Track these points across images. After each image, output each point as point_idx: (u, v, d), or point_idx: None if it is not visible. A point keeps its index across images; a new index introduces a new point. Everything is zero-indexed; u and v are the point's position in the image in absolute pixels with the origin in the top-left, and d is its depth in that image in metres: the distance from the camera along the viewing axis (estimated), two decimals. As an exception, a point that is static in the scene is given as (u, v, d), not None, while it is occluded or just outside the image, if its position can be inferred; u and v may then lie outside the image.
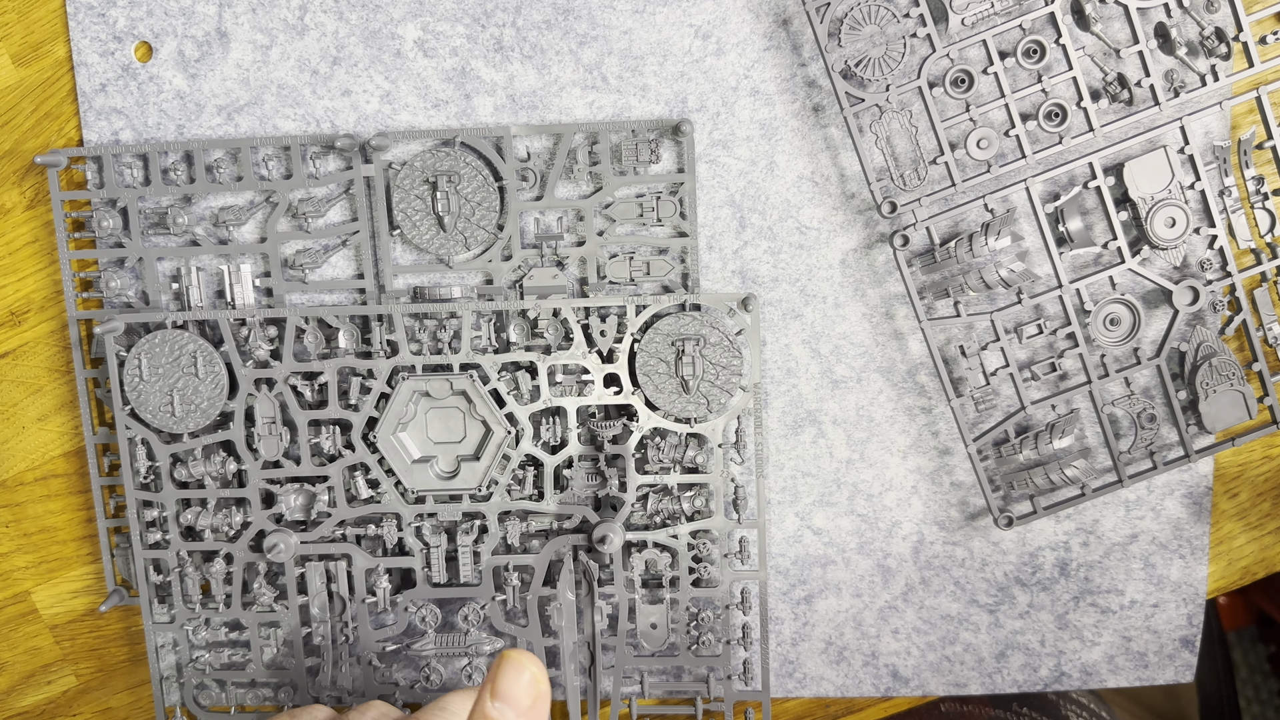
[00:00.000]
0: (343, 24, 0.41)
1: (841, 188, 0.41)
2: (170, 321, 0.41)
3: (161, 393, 0.41)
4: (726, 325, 0.40)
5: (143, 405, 0.42)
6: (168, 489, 0.42)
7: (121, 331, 0.42)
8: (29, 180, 0.43)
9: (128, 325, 0.42)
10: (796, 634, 0.44)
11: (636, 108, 0.41)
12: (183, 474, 0.42)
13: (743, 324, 0.41)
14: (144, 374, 0.41)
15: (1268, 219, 0.40)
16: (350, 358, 0.41)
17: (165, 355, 0.41)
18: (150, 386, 0.41)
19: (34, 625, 0.47)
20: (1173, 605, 0.43)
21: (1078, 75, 0.38)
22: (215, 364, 0.41)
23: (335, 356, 0.42)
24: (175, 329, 0.41)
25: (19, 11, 0.42)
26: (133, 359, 0.41)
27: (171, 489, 0.42)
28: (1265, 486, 0.43)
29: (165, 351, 0.41)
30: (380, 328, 0.41)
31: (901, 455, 0.43)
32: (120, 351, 0.42)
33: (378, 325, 0.41)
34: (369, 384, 0.41)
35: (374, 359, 0.41)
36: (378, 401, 0.42)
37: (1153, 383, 0.41)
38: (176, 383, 0.41)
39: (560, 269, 0.42)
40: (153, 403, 0.42)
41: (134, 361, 0.41)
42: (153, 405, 0.42)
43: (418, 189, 0.41)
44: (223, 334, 0.41)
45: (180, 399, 0.42)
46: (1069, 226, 0.40)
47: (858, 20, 0.38)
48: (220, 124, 0.42)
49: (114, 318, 0.42)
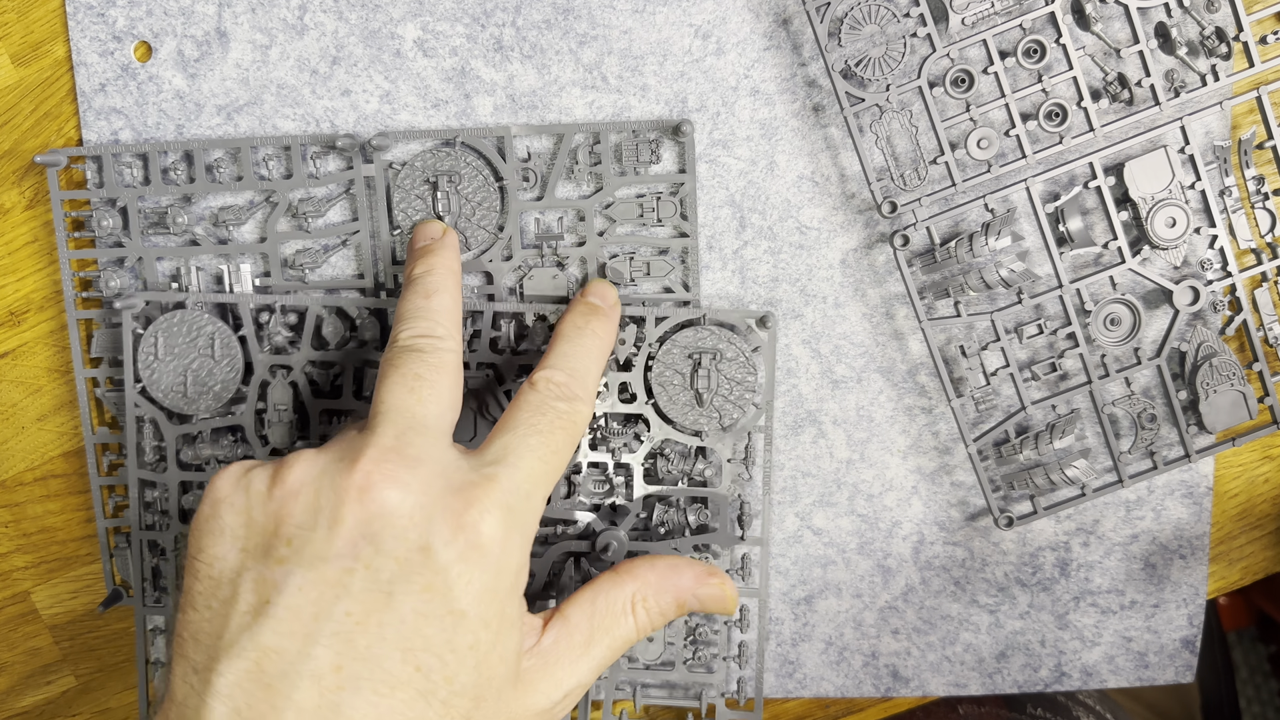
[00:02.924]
0: (342, 24, 0.41)
1: (841, 188, 0.41)
2: (191, 302, 0.41)
3: (175, 373, 0.41)
4: (744, 341, 0.40)
5: (155, 384, 0.42)
6: (172, 470, 0.42)
7: (140, 308, 0.42)
8: (28, 180, 0.43)
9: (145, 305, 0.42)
10: (796, 634, 0.44)
11: (636, 108, 0.41)
12: (189, 455, 0.42)
13: (759, 341, 0.41)
14: (159, 353, 0.41)
15: (1268, 219, 0.40)
16: (369, 349, 0.41)
17: (183, 335, 0.41)
18: (164, 366, 0.41)
19: (34, 625, 0.47)
20: (1173, 605, 0.43)
21: (1078, 75, 0.38)
22: (232, 347, 0.41)
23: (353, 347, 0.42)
24: (194, 310, 0.41)
25: (18, 11, 0.42)
26: (149, 336, 0.41)
27: (175, 471, 0.42)
28: (1265, 487, 0.43)
29: (183, 332, 0.41)
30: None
31: (901, 455, 0.43)
32: (137, 328, 0.42)
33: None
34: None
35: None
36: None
37: (1153, 383, 0.41)
38: (191, 364, 0.41)
39: (561, 269, 0.42)
40: (165, 382, 0.42)
41: (150, 340, 0.41)
42: (165, 385, 0.42)
43: (418, 189, 0.41)
44: (242, 318, 0.41)
45: (193, 380, 0.42)
46: (1069, 226, 0.40)
47: (858, 20, 0.38)
48: (220, 124, 0.42)
49: (135, 294, 0.42)
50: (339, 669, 0.29)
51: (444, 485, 0.31)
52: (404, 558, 0.30)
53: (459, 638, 0.30)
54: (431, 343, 0.35)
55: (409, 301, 0.36)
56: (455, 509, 0.31)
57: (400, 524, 0.30)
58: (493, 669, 0.31)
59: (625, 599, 0.35)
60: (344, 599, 0.30)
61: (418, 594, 0.30)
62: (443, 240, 0.39)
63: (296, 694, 0.29)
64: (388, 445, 0.32)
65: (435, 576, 0.30)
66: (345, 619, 0.30)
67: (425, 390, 0.34)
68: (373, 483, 0.31)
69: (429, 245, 0.39)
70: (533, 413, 0.34)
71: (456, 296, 0.37)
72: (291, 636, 0.29)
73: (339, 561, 0.30)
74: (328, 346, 0.42)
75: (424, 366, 0.34)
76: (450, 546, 0.30)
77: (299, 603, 0.30)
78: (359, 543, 0.30)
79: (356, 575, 0.30)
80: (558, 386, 0.35)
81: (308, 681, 0.29)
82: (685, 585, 0.36)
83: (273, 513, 0.31)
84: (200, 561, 0.32)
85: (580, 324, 0.38)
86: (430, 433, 0.33)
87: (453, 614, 0.30)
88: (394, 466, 0.31)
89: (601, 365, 0.38)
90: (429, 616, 0.30)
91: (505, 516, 0.32)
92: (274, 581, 0.30)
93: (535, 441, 0.34)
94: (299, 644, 0.29)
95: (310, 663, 0.29)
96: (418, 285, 0.37)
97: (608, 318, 0.39)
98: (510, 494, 0.32)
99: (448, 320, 0.36)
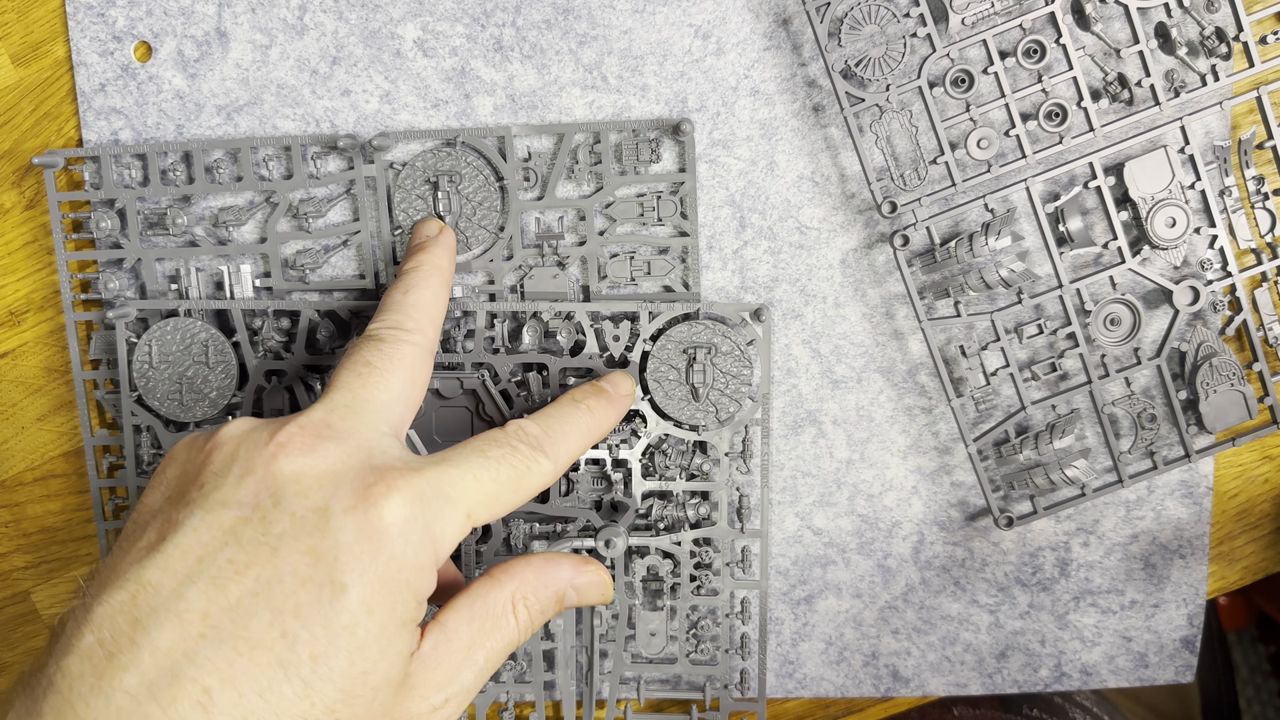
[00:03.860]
0: (342, 24, 0.41)
1: (841, 188, 0.41)
2: (184, 310, 0.41)
3: (170, 380, 0.41)
4: (738, 335, 0.40)
5: (150, 393, 0.42)
6: None
7: (134, 317, 0.42)
8: (28, 180, 0.43)
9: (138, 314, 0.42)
10: (796, 634, 0.44)
11: (636, 108, 0.41)
12: None
13: (754, 335, 0.41)
14: (154, 360, 0.41)
15: (1268, 219, 0.40)
16: None
17: (176, 343, 0.41)
18: (159, 374, 0.41)
19: (34, 625, 0.47)
20: (1173, 605, 0.43)
21: (1078, 75, 0.38)
22: (226, 354, 0.41)
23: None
24: (187, 317, 0.41)
25: (18, 11, 0.42)
26: (143, 345, 0.41)
27: None
28: (1265, 487, 0.43)
29: (177, 339, 0.41)
30: None
31: (901, 455, 0.43)
32: (131, 337, 0.42)
33: None
34: None
35: None
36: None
37: (1153, 383, 0.41)
38: (186, 371, 0.41)
39: (561, 269, 0.42)
40: (160, 390, 0.42)
41: (144, 348, 0.41)
42: (160, 393, 0.42)
43: (419, 189, 0.41)
44: (235, 325, 0.41)
45: (188, 388, 0.42)
46: (1069, 226, 0.40)
47: (858, 20, 0.38)
48: (220, 124, 0.42)
49: (127, 302, 0.42)
50: (206, 615, 0.28)
51: (363, 461, 0.31)
52: (300, 516, 0.30)
53: (336, 615, 0.29)
54: (394, 334, 0.35)
55: (388, 296, 0.37)
56: (366, 481, 0.30)
57: (305, 483, 0.30)
58: (371, 663, 0.29)
59: (505, 600, 0.34)
60: (230, 546, 0.29)
61: (301, 554, 0.29)
62: (438, 239, 0.39)
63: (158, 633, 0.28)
64: (318, 418, 0.32)
65: (323, 540, 0.29)
66: (226, 566, 0.29)
67: (373, 377, 0.34)
68: (291, 443, 0.31)
69: (422, 243, 0.39)
70: (488, 441, 0.34)
71: (438, 293, 0.37)
72: (172, 574, 0.29)
73: (237, 509, 0.30)
74: (322, 351, 0.42)
75: (378, 355, 0.34)
76: (348, 515, 0.30)
77: (189, 542, 0.29)
78: (261, 494, 0.30)
79: (250, 525, 0.29)
80: (528, 435, 0.35)
81: (173, 621, 0.28)
82: (563, 577, 0.35)
83: (199, 463, 0.32)
84: (135, 509, 0.32)
85: (579, 398, 0.38)
86: (368, 415, 0.33)
87: (334, 585, 0.29)
88: (318, 434, 0.31)
89: (585, 441, 0.37)
90: (308, 582, 0.29)
91: (415, 505, 0.30)
92: (175, 521, 0.30)
93: (477, 461, 0.33)
94: (176, 583, 0.29)
95: (180, 603, 0.28)
96: (400, 280, 0.38)
97: (610, 402, 0.38)
98: (427, 485, 0.31)
99: (420, 315, 0.36)
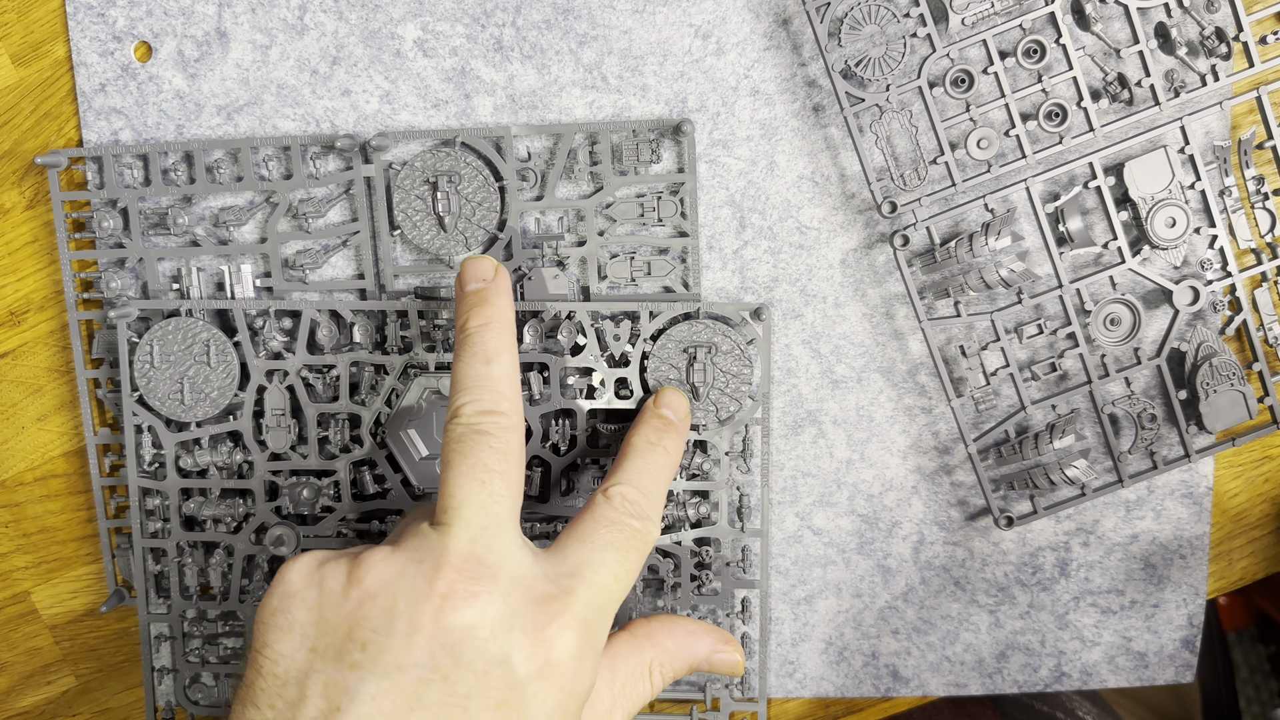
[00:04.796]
0: (342, 24, 0.41)
1: (841, 188, 0.41)
2: (185, 309, 0.41)
3: (171, 380, 0.41)
4: (739, 334, 0.40)
5: (151, 392, 0.42)
6: (172, 478, 0.42)
7: (135, 317, 0.42)
8: (29, 180, 0.43)
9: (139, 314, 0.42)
10: (796, 634, 0.44)
11: (636, 108, 0.41)
12: (188, 463, 0.42)
13: (754, 334, 0.41)
14: (155, 360, 0.41)
15: (1268, 219, 0.40)
16: (363, 352, 0.41)
17: (178, 343, 0.41)
18: (160, 374, 0.41)
19: (34, 625, 0.47)
20: (1173, 605, 0.43)
21: (1078, 75, 0.38)
22: (227, 353, 0.41)
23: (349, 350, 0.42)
24: (189, 317, 0.41)
25: (18, 11, 0.42)
26: (144, 345, 0.41)
27: (175, 478, 0.42)
28: (1265, 486, 0.43)
29: (178, 339, 0.41)
30: (394, 324, 0.41)
31: (901, 455, 0.43)
32: (132, 337, 0.42)
33: (393, 322, 0.41)
34: (380, 380, 0.41)
35: (387, 355, 0.41)
36: (388, 397, 0.42)
37: (1153, 383, 0.41)
38: (187, 371, 0.41)
39: (561, 269, 0.42)
40: (162, 390, 0.42)
41: (146, 348, 0.41)
42: (161, 393, 0.42)
43: (418, 189, 0.41)
44: (236, 324, 0.41)
45: (190, 387, 0.42)
46: (1069, 226, 0.40)
47: (858, 20, 0.38)
48: (220, 124, 0.42)
49: (129, 302, 0.42)
50: None
51: (523, 595, 0.31)
52: (483, 670, 0.29)
53: None
54: (497, 422, 0.33)
55: (468, 366, 0.34)
56: (537, 622, 0.30)
57: (481, 636, 0.29)
58: None
59: (644, 665, 0.35)
60: (418, 710, 0.29)
61: (492, 710, 0.29)
62: (495, 284, 0.36)
63: None
64: (465, 551, 0.31)
65: (511, 693, 0.29)
66: None
67: (497, 483, 0.32)
68: (454, 592, 0.30)
69: (481, 291, 0.35)
70: (609, 528, 0.34)
71: (515, 355, 0.35)
72: None
73: (415, 671, 0.29)
74: (323, 350, 0.42)
75: (493, 455, 0.32)
76: (529, 661, 0.30)
77: (371, 711, 0.28)
78: (437, 653, 0.29)
79: (433, 687, 0.29)
80: (632, 504, 0.35)
81: None
82: (700, 654, 0.36)
83: (348, 614, 0.30)
84: (265, 657, 0.30)
85: (654, 440, 0.37)
86: (505, 532, 0.32)
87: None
88: (474, 575, 0.30)
89: (669, 483, 0.37)
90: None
91: (583, 634, 0.31)
92: (346, 687, 0.29)
93: (611, 558, 0.33)
94: None
95: None
96: (475, 347, 0.34)
97: (679, 433, 0.38)
98: (588, 609, 0.31)
99: (510, 389, 0.34)
